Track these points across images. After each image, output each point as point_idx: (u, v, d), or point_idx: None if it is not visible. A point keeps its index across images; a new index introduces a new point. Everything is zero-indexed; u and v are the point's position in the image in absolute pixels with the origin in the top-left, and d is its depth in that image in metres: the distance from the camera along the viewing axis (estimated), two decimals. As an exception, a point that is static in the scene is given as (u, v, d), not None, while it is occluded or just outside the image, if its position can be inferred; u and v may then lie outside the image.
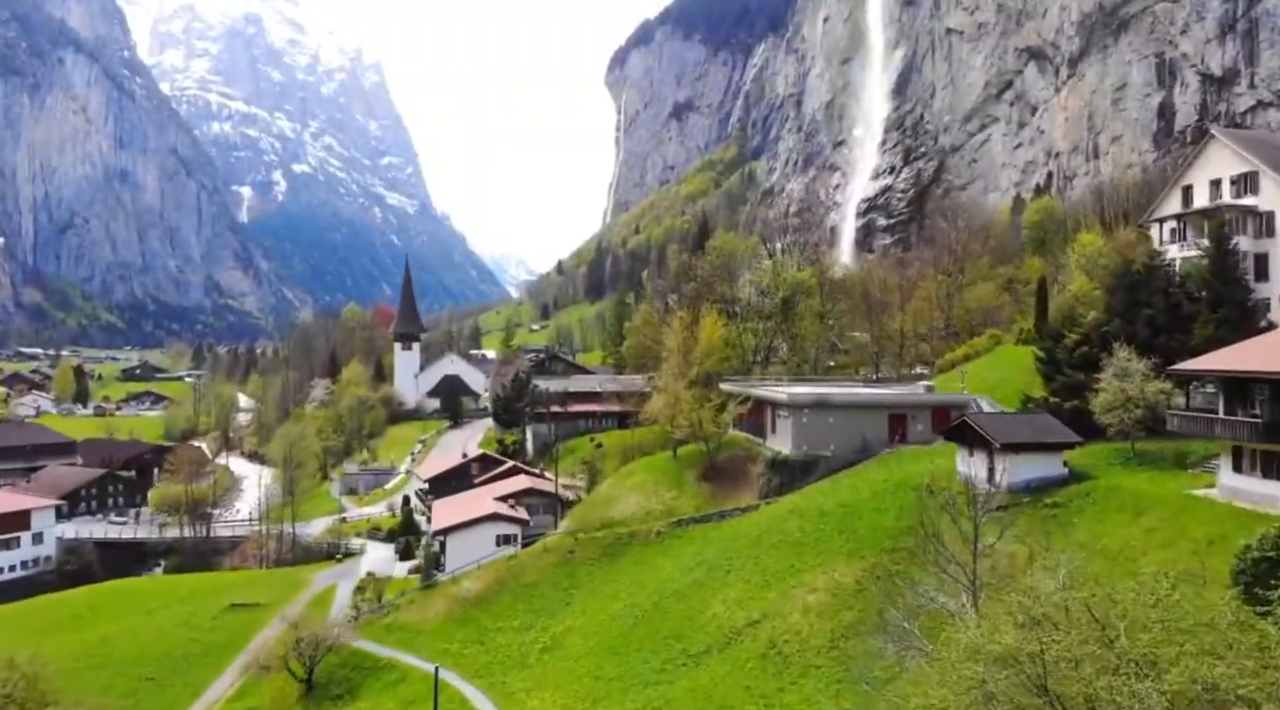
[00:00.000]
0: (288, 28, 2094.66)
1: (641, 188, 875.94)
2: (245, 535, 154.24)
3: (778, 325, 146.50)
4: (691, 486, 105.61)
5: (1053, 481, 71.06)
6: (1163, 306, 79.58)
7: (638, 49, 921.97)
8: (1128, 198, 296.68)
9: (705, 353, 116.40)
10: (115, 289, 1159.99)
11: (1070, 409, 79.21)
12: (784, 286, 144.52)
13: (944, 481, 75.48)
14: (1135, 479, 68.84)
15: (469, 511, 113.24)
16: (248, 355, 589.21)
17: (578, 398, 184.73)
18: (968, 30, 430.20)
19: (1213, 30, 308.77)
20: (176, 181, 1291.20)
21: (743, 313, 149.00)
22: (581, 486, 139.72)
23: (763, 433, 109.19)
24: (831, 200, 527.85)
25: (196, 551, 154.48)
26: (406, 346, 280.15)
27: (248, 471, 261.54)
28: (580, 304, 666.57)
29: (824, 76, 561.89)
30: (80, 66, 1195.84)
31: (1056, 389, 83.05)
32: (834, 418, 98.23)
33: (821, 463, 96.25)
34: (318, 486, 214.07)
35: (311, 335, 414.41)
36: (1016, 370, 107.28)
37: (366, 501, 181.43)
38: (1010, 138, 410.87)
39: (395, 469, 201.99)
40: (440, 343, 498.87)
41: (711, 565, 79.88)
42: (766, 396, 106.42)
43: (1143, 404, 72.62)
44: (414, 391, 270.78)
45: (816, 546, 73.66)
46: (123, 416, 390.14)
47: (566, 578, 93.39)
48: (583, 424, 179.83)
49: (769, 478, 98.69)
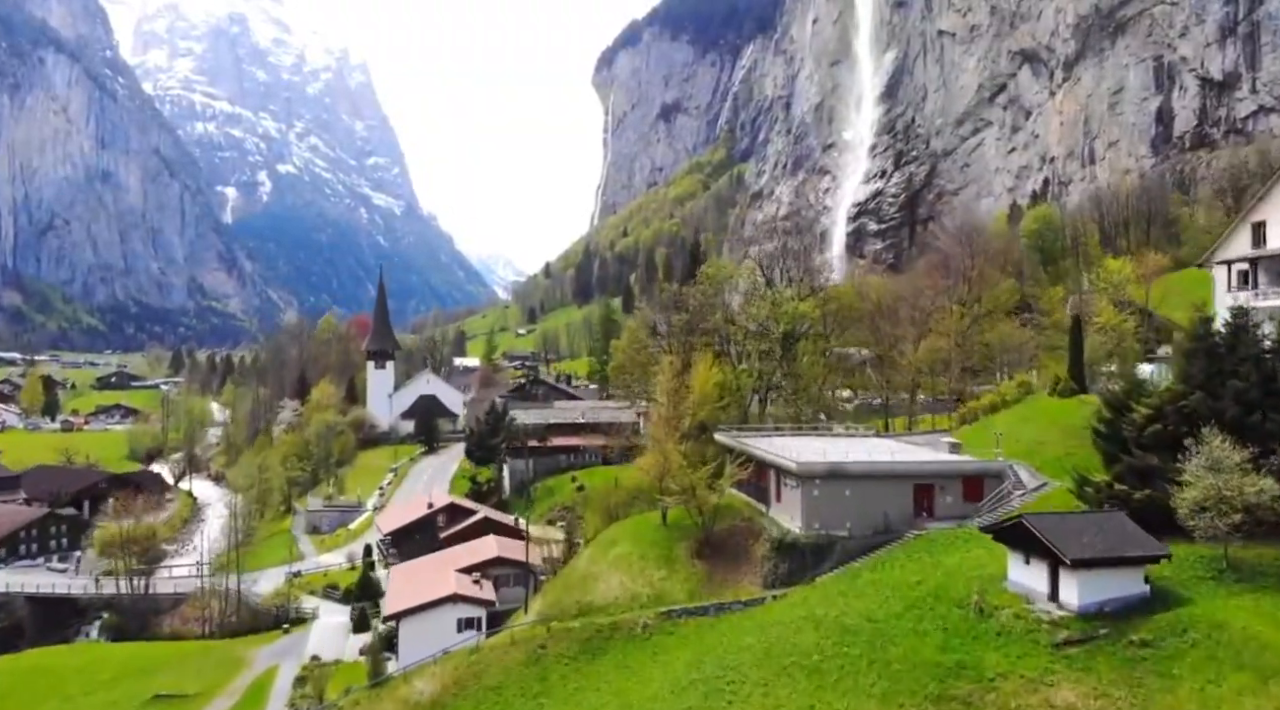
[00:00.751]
0: (273, 27, 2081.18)
1: (629, 190, 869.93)
2: (189, 592, 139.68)
3: (778, 363, 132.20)
4: (683, 564, 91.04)
5: (1133, 604, 57.13)
6: (1255, 378, 65.33)
7: (625, 49, 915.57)
8: (1128, 205, 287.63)
9: (698, 402, 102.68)
10: (96, 291, 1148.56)
11: (1142, 500, 65.41)
12: (784, 320, 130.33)
13: (994, 594, 61.76)
14: (1244, 612, 54.64)
15: (427, 590, 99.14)
16: (225, 363, 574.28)
17: (559, 430, 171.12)
18: (960, 32, 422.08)
19: (1213, 33, 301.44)
20: (159, 182, 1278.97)
21: (739, 351, 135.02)
22: (559, 539, 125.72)
23: (765, 498, 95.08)
24: (821, 204, 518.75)
25: (136, 610, 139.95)
26: (380, 365, 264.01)
27: (213, 497, 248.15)
28: (568, 307, 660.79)
29: (813, 78, 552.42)
30: (61, 66, 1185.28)
31: (1123, 473, 68.93)
32: (850, 489, 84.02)
33: (836, 546, 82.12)
34: (280, 521, 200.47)
35: (284, 347, 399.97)
36: (1055, 429, 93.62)
37: (329, 543, 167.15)
38: (1004, 142, 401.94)
39: (362, 505, 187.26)
40: (422, 350, 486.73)
41: (709, 687, 65.33)
42: (771, 461, 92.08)
43: (1241, 506, 58.81)
44: (387, 413, 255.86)
45: (840, 680, 59.32)
46: (90, 431, 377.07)
47: (537, 681, 79.06)
48: (564, 459, 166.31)
49: (775, 562, 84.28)
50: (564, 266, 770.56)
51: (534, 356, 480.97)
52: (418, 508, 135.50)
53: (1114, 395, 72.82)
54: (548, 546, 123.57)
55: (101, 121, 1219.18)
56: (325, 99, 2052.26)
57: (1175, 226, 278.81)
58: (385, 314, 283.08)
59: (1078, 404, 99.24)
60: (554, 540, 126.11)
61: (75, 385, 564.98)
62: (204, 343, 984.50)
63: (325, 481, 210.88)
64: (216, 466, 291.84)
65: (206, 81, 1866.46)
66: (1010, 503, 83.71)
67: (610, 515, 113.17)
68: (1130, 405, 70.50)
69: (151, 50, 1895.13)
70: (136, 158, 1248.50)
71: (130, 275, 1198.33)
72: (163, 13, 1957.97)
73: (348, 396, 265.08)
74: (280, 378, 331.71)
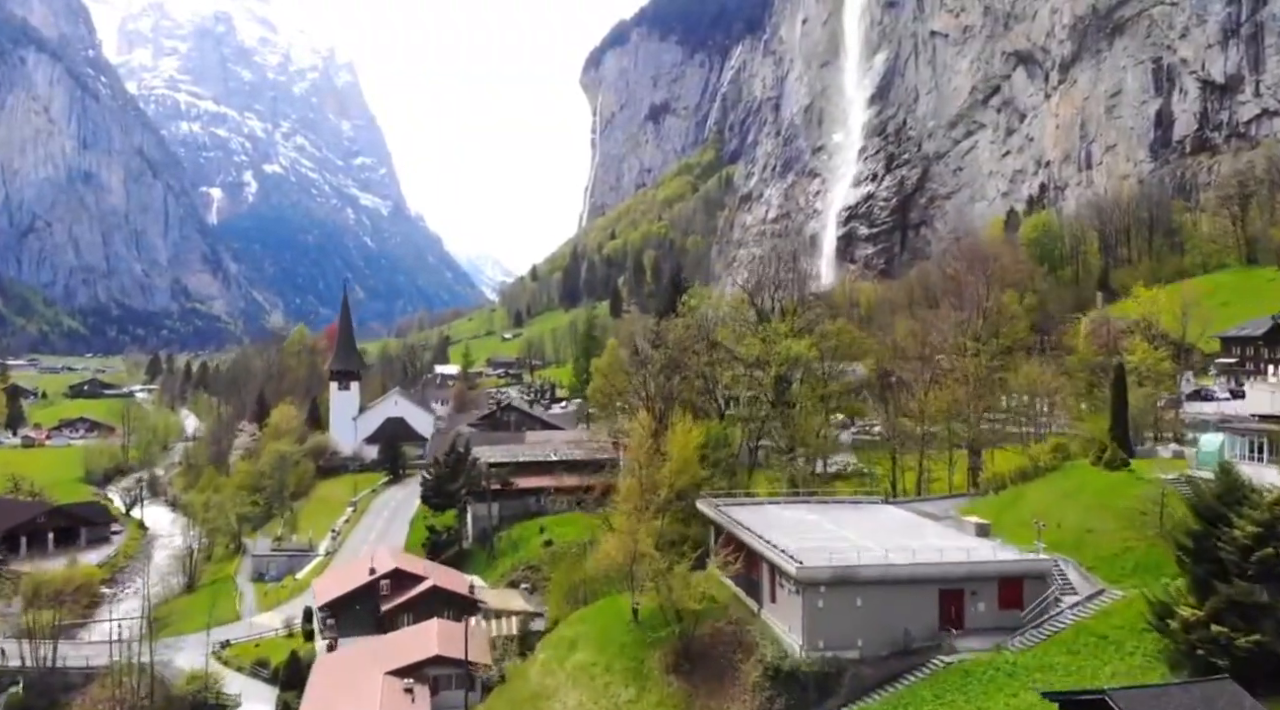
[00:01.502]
0: (258, 26, 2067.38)
1: (618, 191, 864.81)
2: (102, 666, 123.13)
3: (770, 409, 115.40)
4: (657, 680, 74.30)
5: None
6: None
7: (613, 50, 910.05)
8: (1129, 212, 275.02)
9: (677, 470, 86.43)
10: (78, 294, 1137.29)
11: (1248, 647, 49.84)
12: (776, 361, 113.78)
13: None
14: None
15: (346, 701, 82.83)
16: (200, 370, 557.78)
17: (528, 470, 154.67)
18: (953, 33, 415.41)
19: (1214, 35, 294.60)
20: (142, 183, 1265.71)
21: (725, 395, 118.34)
22: (519, 611, 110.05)
23: (758, 593, 78.86)
24: (811, 207, 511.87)
25: (44, 686, 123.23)
26: (344, 386, 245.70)
27: (167, 525, 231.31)
28: (555, 311, 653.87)
29: (803, 79, 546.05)
30: (43, 66, 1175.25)
31: (1221, 610, 52.84)
32: (863, 598, 67.69)
33: (846, 674, 65.96)
34: (229, 562, 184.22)
35: (251, 360, 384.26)
36: (1105, 513, 77.07)
37: (272, 597, 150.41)
38: (998, 145, 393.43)
39: (313, 549, 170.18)
40: (403, 357, 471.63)
41: None
42: (766, 555, 75.66)
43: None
44: (352, 438, 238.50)
45: None
46: (53, 446, 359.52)
47: None
48: (533, 503, 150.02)
49: (770, 695, 67.46)
50: (551, 270, 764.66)
51: (519, 363, 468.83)
52: (359, 572, 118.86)
53: (1206, 502, 56.46)
54: (505, 621, 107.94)
55: (83, 122, 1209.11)
56: (312, 98, 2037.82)
57: (1178, 235, 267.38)
58: (350, 331, 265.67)
59: (1129, 480, 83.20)
60: (513, 612, 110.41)
61: (46, 394, 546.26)
62: (187, 346, 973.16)
63: (279, 516, 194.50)
64: (176, 488, 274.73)
65: (191, 81, 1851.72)
66: (1060, 616, 67.73)
67: (575, 597, 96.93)
68: (1228, 516, 54.29)
69: (136, 49, 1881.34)
70: (119, 158, 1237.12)
71: (113, 277, 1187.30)
72: (147, 12, 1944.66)
73: (310, 418, 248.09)
74: (243, 396, 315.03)
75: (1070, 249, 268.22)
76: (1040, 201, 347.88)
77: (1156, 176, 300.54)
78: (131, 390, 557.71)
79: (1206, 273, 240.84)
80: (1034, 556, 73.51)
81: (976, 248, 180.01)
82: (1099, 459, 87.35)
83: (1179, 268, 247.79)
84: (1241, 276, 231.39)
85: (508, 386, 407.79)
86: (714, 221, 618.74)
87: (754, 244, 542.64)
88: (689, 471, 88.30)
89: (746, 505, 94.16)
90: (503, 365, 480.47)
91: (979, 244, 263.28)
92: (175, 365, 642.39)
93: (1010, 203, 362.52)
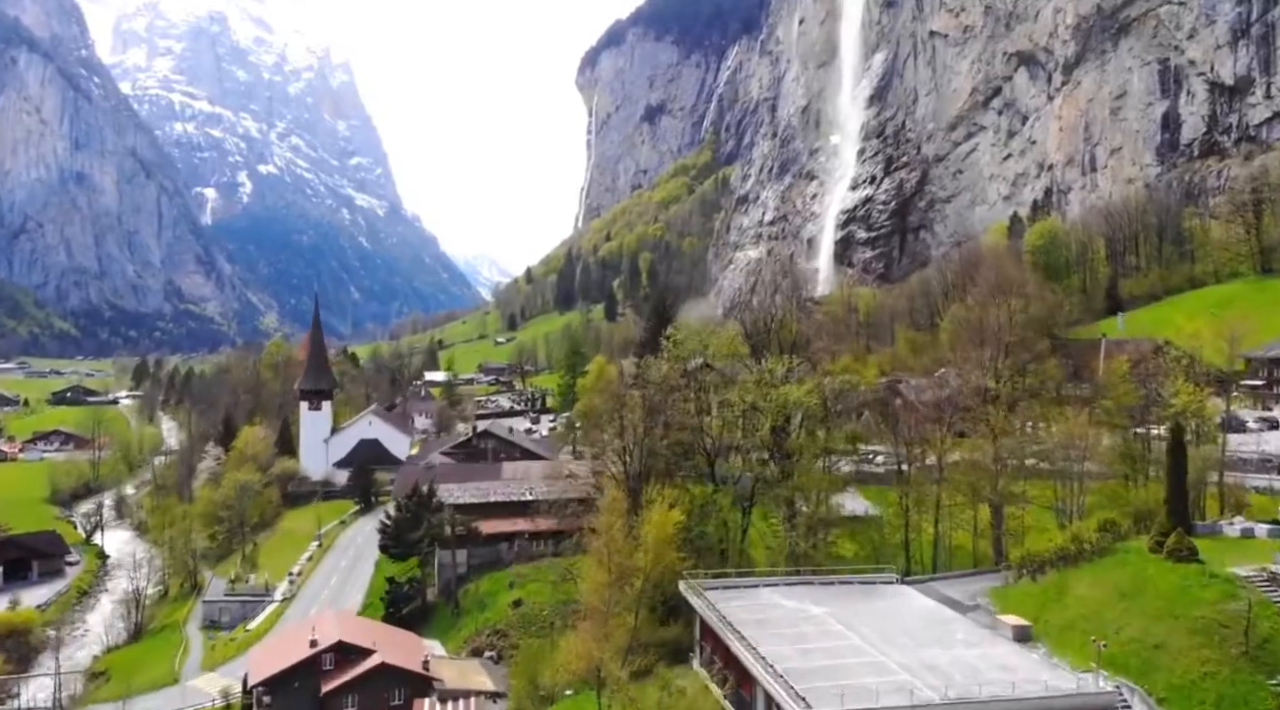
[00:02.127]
0: (254, 26, 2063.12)
1: (613, 192, 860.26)
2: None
3: (766, 462, 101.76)
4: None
5: None
6: None
7: (609, 50, 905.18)
8: (1137, 218, 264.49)
9: (653, 558, 74.17)
10: (70, 296, 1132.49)
11: None
12: (773, 410, 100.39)
13: None
14: None
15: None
16: (185, 377, 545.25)
17: (500, 511, 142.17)
18: (953, 33, 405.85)
19: (1224, 35, 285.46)
20: (136, 184, 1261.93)
21: (713, 445, 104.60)
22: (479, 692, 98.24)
23: (749, 709, 66.79)
24: (809, 210, 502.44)
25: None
26: (315, 406, 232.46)
27: (126, 555, 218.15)
28: (549, 314, 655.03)
29: (800, 80, 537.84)
30: (35, 66, 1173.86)
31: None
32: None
33: None
34: (184, 604, 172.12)
35: (231, 367, 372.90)
36: (1175, 623, 64.22)
37: (220, 651, 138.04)
38: (999, 148, 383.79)
39: (271, 593, 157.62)
40: (392, 365, 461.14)
41: None
42: (763, 682, 62.61)
43: None
44: (323, 462, 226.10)
45: None
46: (25, 460, 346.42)
47: None
48: (505, 549, 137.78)
49: None
50: (546, 272, 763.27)
51: (511, 369, 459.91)
52: (300, 642, 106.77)
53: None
54: (464, 703, 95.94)
55: (76, 122, 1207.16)
56: (307, 99, 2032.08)
57: (1189, 242, 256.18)
58: (322, 346, 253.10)
59: (1199, 576, 69.91)
60: (471, 693, 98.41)
61: (29, 402, 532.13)
62: (180, 348, 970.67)
63: (240, 550, 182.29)
64: (145, 510, 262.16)
65: (186, 81, 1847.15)
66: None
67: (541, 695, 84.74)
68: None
69: (131, 49, 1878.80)
70: (112, 159, 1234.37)
71: (105, 279, 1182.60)
72: (142, 11, 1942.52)
73: (281, 440, 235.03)
74: (217, 411, 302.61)
75: (1077, 256, 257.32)
76: (1044, 207, 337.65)
77: (1164, 181, 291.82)
78: (116, 398, 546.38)
79: (1219, 282, 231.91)
80: (1093, 689, 60.06)
81: (978, 252, 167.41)
82: (1159, 546, 73.73)
83: (1190, 276, 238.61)
84: (1257, 287, 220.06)
85: (499, 394, 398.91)
86: (710, 223, 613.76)
87: (750, 246, 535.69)
88: (666, 559, 75.92)
89: (737, 588, 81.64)
90: (494, 371, 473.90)
91: (979, 250, 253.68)
92: (162, 370, 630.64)
93: (1012, 207, 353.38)
